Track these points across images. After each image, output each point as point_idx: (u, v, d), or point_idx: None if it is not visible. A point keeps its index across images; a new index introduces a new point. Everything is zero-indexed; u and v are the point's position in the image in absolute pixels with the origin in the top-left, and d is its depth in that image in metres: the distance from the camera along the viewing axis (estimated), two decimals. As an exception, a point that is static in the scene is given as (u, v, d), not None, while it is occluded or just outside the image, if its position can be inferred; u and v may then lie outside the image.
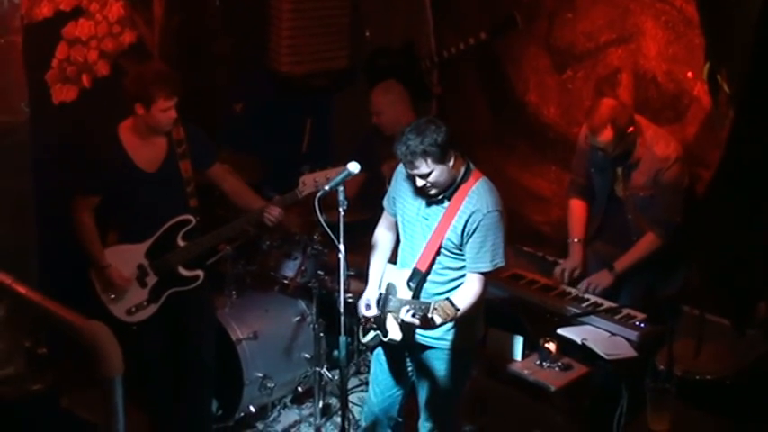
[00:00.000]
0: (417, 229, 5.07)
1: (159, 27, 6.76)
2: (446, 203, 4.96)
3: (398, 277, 5.16)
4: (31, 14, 6.16)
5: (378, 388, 5.44)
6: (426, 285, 5.09)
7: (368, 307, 5.17)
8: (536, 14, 6.70)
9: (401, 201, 5.16)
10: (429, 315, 4.72)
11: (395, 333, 5.12)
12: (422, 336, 5.13)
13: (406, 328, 5.07)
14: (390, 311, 5.11)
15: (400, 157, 4.83)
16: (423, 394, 5.33)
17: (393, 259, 5.36)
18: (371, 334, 5.25)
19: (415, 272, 5.07)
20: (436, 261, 5.04)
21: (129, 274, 5.62)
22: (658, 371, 5.07)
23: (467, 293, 4.95)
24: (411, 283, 5.08)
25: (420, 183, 4.88)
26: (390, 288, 5.17)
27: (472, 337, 5.23)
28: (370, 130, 6.96)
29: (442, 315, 4.70)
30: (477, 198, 4.92)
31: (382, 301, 5.16)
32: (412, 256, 5.12)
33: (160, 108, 5.36)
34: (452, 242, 4.96)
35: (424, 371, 5.25)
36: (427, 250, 5.03)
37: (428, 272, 5.06)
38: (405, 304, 4.92)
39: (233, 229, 5.82)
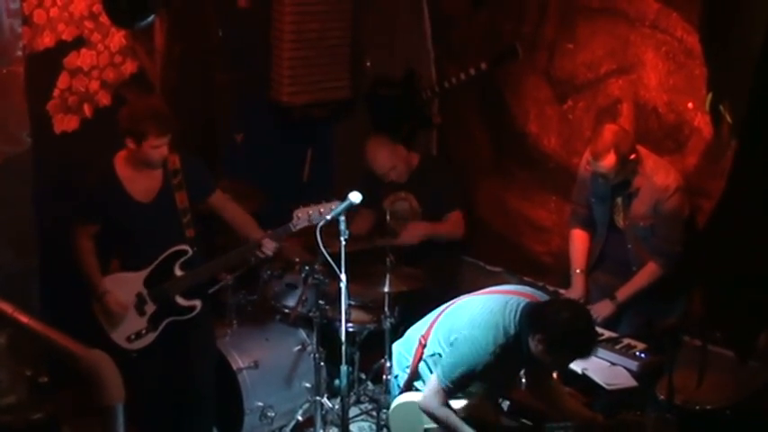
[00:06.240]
0: None
1: (160, 57, 6.77)
2: None
3: None
4: (32, 45, 6.18)
5: None
6: None
7: None
8: (536, 45, 6.71)
9: None
10: None
11: None
12: None
13: None
14: None
15: None
16: None
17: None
18: None
19: None
20: None
21: (128, 301, 5.63)
22: (659, 401, 5.06)
23: None
24: None
25: None
26: None
27: None
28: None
29: None
30: None
31: None
32: None
33: (151, 145, 5.40)
34: None
35: None
36: None
37: None
38: None
39: (227, 261, 5.87)
